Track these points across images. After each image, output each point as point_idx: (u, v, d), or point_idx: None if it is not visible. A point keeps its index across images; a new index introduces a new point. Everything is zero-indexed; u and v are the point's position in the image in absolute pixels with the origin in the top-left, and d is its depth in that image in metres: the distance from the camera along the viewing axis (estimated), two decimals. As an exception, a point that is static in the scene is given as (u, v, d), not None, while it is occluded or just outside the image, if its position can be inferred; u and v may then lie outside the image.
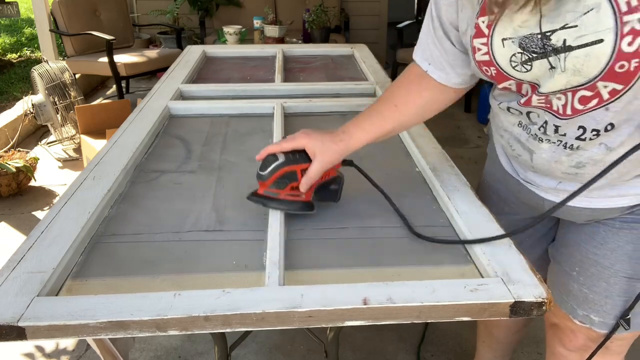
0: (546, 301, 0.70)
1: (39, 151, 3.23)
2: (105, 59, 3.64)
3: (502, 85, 0.84)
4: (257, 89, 1.62)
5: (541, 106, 0.81)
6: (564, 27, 0.70)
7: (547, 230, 1.09)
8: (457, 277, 0.78)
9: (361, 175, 0.96)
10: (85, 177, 1.02)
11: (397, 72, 4.29)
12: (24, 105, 3.33)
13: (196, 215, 0.94)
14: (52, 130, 3.27)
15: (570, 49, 0.70)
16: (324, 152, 0.87)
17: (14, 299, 0.69)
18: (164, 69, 3.64)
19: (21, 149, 2.99)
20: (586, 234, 0.94)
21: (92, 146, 2.63)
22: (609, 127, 0.76)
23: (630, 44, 0.65)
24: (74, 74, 3.41)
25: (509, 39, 0.75)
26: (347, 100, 1.53)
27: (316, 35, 3.76)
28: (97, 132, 2.75)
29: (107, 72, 3.69)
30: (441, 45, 0.90)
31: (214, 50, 2.15)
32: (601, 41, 0.67)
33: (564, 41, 0.70)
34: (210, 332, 1.15)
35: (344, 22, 4.89)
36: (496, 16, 0.75)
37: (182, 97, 1.59)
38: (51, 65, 3.22)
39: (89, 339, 0.98)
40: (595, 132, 0.77)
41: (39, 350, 1.71)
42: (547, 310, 0.71)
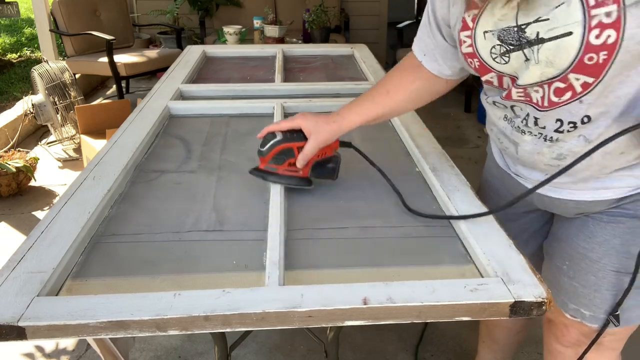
0: (546, 301, 0.70)
1: (39, 151, 3.23)
2: (105, 59, 3.64)
3: (485, 78, 0.87)
4: (257, 89, 1.62)
5: (521, 99, 0.84)
6: (537, 20, 0.73)
7: (540, 226, 1.10)
8: (457, 277, 0.78)
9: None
10: (85, 177, 1.02)
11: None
12: (24, 105, 3.33)
13: (196, 215, 0.94)
14: (52, 130, 3.27)
15: (542, 41, 0.73)
16: (318, 131, 0.95)
17: (14, 299, 0.69)
18: (164, 69, 3.64)
19: (21, 149, 2.99)
20: (576, 228, 0.95)
21: (92, 146, 2.63)
22: (585, 119, 0.79)
23: (597, 37, 0.68)
24: (74, 74, 3.41)
25: (490, 31, 0.79)
26: (347, 100, 1.51)
27: (316, 35, 3.76)
28: (97, 132, 2.75)
29: (107, 72, 3.69)
30: (434, 38, 0.95)
31: (214, 50, 2.16)
32: (570, 34, 0.70)
33: (537, 34, 0.73)
34: (210, 332, 1.15)
35: (344, 22, 4.89)
36: (480, 10, 0.80)
37: (182, 97, 1.59)
38: (51, 65, 3.22)
39: (89, 339, 0.98)
40: (572, 125, 0.80)
41: (39, 350, 1.71)
42: (547, 310, 0.71)
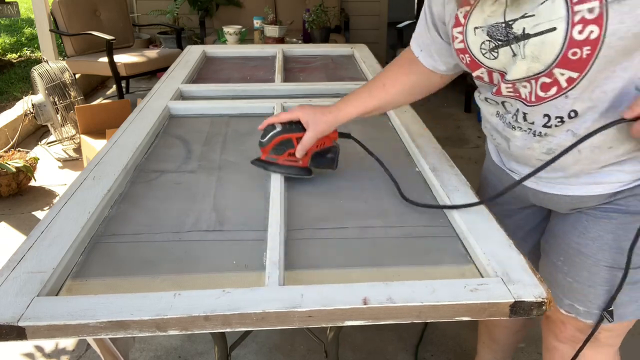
0: (546, 301, 0.70)
1: (39, 151, 3.23)
2: (105, 59, 3.64)
3: (476, 73, 0.89)
4: (257, 89, 1.62)
5: (510, 95, 0.86)
6: (523, 16, 0.76)
7: (537, 222, 1.11)
8: (457, 277, 0.78)
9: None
10: (85, 177, 1.02)
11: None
12: (24, 105, 3.33)
13: (196, 215, 0.94)
14: (52, 130, 3.27)
15: (528, 36, 0.76)
16: (316, 122, 0.99)
17: (14, 299, 0.69)
18: (164, 69, 3.64)
19: (21, 149, 2.99)
20: (571, 224, 0.97)
21: (92, 146, 2.63)
22: (572, 113, 0.80)
23: (580, 32, 0.71)
24: (74, 74, 3.41)
25: (480, 27, 0.82)
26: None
27: (316, 35, 3.76)
28: (97, 132, 2.75)
29: (107, 72, 3.69)
30: (430, 34, 0.99)
31: (214, 50, 2.16)
32: (554, 29, 0.72)
33: (523, 29, 0.76)
34: (210, 332, 1.15)
35: (344, 22, 4.89)
36: (472, 7, 0.82)
37: (182, 97, 1.59)
38: (51, 65, 3.21)
39: (89, 339, 0.98)
40: (559, 119, 0.82)
41: (39, 350, 1.71)
42: (547, 310, 0.71)
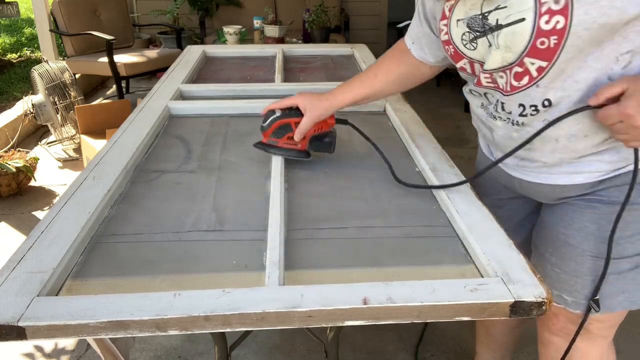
0: (546, 301, 0.70)
1: (39, 151, 3.23)
2: (105, 59, 3.64)
3: (459, 64, 0.94)
4: (257, 89, 1.62)
5: (490, 86, 0.90)
6: (497, 8, 0.80)
7: (527, 214, 1.13)
8: (457, 277, 0.78)
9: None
10: (85, 177, 1.02)
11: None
12: (24, 105, 3.33)
13: (196, 215, 0.94)
14: (52, 130, 3.27)
15: (500, 27, 0.80)
16: (312, 108, 1.05)
17: (14, 299, 0.69)
18: (164, 69, 3.64)
19: (21, 149, 2.99)
20: (558, 215, 0.99)
21: (92, 146, 2.63)
22: (545, 102, 0.84)
23: (547, 22, 0.75)
24: (74, 74, 3.41)
25: (461, 20, 0.87)
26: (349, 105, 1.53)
27: (316, 35, 3.75)
28: (97, 132, 2.75)
29: (107, 72, 3.69)
30: (422, 28, 1.05)
31: (214, 50, 2.15)
32: (523, 20, 0.77)
33: (497, 20, 0.81)
34: (210, 332, 1.15)
35: (344, 22, 4.89)
36: (456, 0, 0.87)
37: (182, 97, 1.59)
38: (51, 65, 3.21)
39: (89, 339, 0.98)
40: (533, 108, 0.85)
41: (39, 350, 1.71)
42: (547, 310, 0.71)
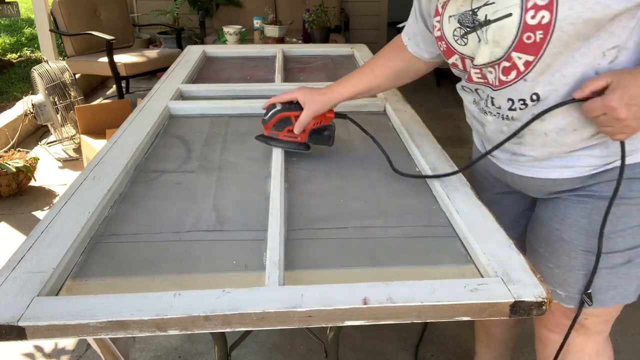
0: (546, 301, 0.70)
1: (39, 151, 3.23)
2: (105, 59, 3.64)
3: (451, 60, 0.96)
4: (257, 89, 1.62)
5: (480, 81, 0.92)
6: (485, 4, 0.83)
7: (521, 211, 1.14)
8: (457, 277, 0.78)
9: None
10: (85, 177, 1.02)
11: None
12: (24, 105, 3.33)
13: (196, 215, 0.94)
14: (52, 130, 3.27)
15: (489, 22, 0.83)
16: (312, 102, 1.09)
17: (14, 299, 0.69)
18: (164, 69, 3.64)
19: (21, 149, 2.99)
20: (551, 210, 1.00)
21: (92, 146, 2.63)
22: (534, 96, 0.85)
23: (533, 17, 0.77)
24: (74, 74, 3.41)
25: (453, 16, 0.90)
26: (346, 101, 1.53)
27: (316, 35, 3.75)
28: (97, 132, 2.75)
29: (107, 72, 3.69)
30: (418, 25, 1.08)
31: (214, 50, 2.15)
32: (510, 15, 0.79)
33: (486, 16, 0.83)
34: (210, 332, 1.15)
35: (344, 22, 4.89)
36: None
37: (182, 97, 1.59)
38: (51, 65, 3.21)
39: (89, 339, 0.98)
40: (522, 102, 0.87)
41: (39, 350, 1.71)
42: (547, 310, 0.71)
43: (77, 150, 3.22)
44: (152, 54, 3.96)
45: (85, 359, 1.67)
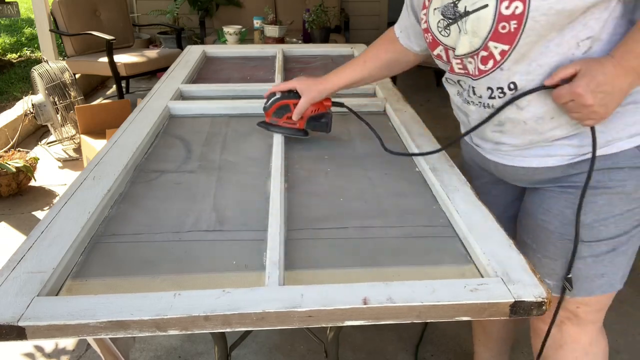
0: (546, 301, 0.70)
1: (39, 151, 3.23)
2: (105, 59, 3.64)
3: (436, 52, 0.99)
4: (257, 89, 1.62)
5: (461, 72, 0.95)
6: None
7: (511, 200, 1.16)
8: (457, 277, 0.78)
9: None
10: (85, 177, 1.02)
11: (397, 72, 4.28)
12: (24, 105, 3.33)
13: (196, 215, 0.94)
14: (52, 130, 3.27)
15: (468, 13, 0.86)
16: (308, 90, 1.17)
17: (14, 299, 0.69)
18: (164, 69, 3.64)
19: (21, 149, 2.99)
20: (536, 202, 1.03)
21: (92, 146, 2.63)
22: (511, 85, 0.88)
23: (507, 8, 0.81)
24: (74, 74, 3.41)
25: (437, 8, 0.93)
26: (347, 100, 1.52)
27: (316, 35, 3.75)
28: (97, 132, 2.75)
29: (107, 72, 3.69)
30: (409, 19, 1.13)
31: (214, 50, 2.15)
32: (486, 6, 0.83)
33: (465, 7, 0.86)
34: (210, 332, 1.15)
35: (344, 22, 4.89)
36: None
37: (182, 97, 1.59)
38: (51, 65, 3.21)
39: (89, 339, 0.98)
40: (500, 91, 0.90)
41: (39, 350, 1.71)
42: (547, 309, 0.71)
43: (77, 150, 3.22)
44: (152, 54, 3.96)
45: (85, 359, 1.67)
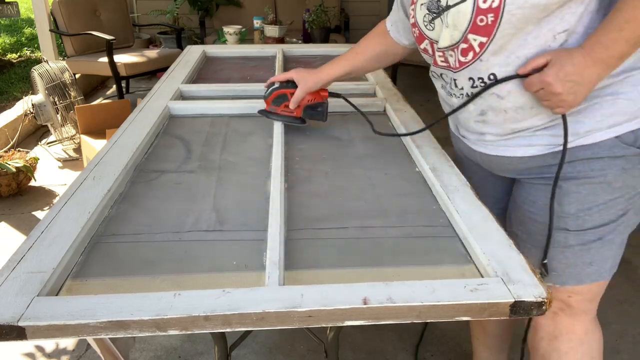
0: (546, 301, 0.70)
1: (39, 151, 3.23)
2: (105, 59, 3.64)
3: (422, 46, 1.03)
4: (257, 89, 1.62)
5: (443, 65, 0.99)
6: None
7: (502, 194, 1.18)
8: (457, 277, 0.78)
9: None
10: (85, 177, 1.02)
11: (397, 71, 4.29)
12: (24, 105, 3.33)
13: (196, 215, 0.94)
14: (52, 130, 3.27)
15: (449, 7, 0.90)
16: (305, 80, 1.25)
17: (14, 299, 0.69)
18: (164, 69, 3.64)
19: (21, 149, 2.99)
20: (524, 195, 1.05)
21: (92, 146, 2.63)
22: (491, 76, 0.91)
23: (484, 2, 0.85)
24: (74, 74, 3.41)
25: (423, 3, 0.96)
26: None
27: (316, 35, 3.76)
28: (97, 132, 2.75)
29: (107, 72, 3.69)
30: (399, 13, 1.19)
31: (214, 50, 2.16)
32: (465, 0, 0.86)
33: (447, 1, 0.90)
34: (210, 332, 1.15)
35: (344, 22, 4.89)
36: None
37: (182, 97, 1.59)
38: (51, 65, 3.21)
39: (90, 339, 0.98)
40: (481, 81, 0.93)
41: (39, 350, 1.71)
42: (547, 309, 0.71)
43: (77, 150, 3.22)
44: (152, 54, 3.96)
45: (85, 359, 1.67)
